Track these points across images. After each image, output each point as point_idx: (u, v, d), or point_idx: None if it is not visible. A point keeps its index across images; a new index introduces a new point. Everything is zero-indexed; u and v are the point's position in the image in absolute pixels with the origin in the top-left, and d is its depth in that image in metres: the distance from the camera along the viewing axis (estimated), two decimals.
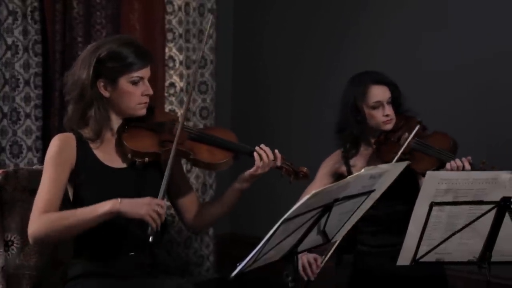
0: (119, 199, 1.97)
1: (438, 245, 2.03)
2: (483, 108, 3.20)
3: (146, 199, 1.97)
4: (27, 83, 3.10)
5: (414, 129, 2.42)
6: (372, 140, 2.53)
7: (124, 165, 2.13)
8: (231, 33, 3.98)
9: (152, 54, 2.15)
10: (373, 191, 1.95)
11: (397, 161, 2.35)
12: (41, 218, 1.98)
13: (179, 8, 3.59)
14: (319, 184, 2.50)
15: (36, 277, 2.22)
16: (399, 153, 2.38)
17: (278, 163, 2.13)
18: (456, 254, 2.06)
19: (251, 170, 2.11)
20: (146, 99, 2.11)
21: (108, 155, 2.12)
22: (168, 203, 2.23)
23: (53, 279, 2.25)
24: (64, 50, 3.17)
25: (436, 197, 1.97)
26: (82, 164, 2.09)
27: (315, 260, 2.39)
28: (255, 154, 2.10)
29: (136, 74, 2.07)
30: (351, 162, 2.53)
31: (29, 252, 2.21)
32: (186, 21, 3.63)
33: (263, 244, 1.77)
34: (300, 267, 2.38)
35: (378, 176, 1.91)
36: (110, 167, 2.11)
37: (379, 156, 2.48)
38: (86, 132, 2.10)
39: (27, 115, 3.11)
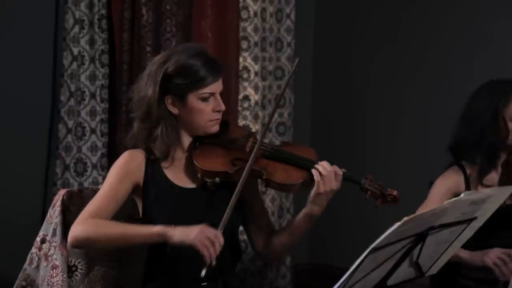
0: (173, 226, 1.99)
1: None
2: None
3: (199, 226, 1.98)
4: (93, 96, 3.19)
5: None
6: (500, 161, 2.48)
7: (194, 185, 2.16)
8: (311, 41, 3.98)
9: (223, 65, 2.16)
10: (474, 219, 1.91)
11: None
12: (88, 221, 2.04)
13: (255, 14, 3.62)
14: (439, 203, 2.46)
15: None
16: None
17: (338, 178, 2.09)
18: None
19: (313, 189, 2.10)
20: (218, 116, 2.13)
21: (178, 174, 2.16)
22: (241, 228, 2.25)
23: None
24: (131, 61, 3.26)
25: None
26: (150, 182, 2.14)
27: (509, 255, 2.34)
28: (312, 170, 2.09)
29: (205, 90, 2.09)
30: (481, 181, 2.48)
31: (94, 278, 2.27)
32: (263, 28, 3.66)
33: (348, 276, 1.75)
34: (492, 266, 2.35)
35: (480, 202, 1.86)
36: (180, 187, 2.15)
37: (509, 179, 2.42)
38: (155, 151, 2.14)
39: (93, 131, 3.20)
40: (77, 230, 2.05)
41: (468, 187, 2.48)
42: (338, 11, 3.90)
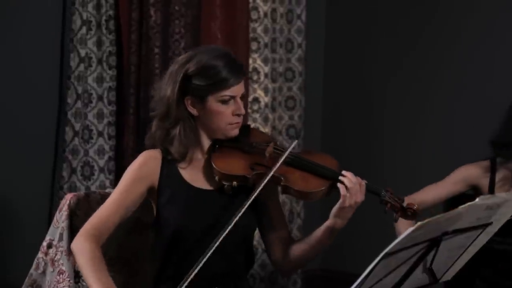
0: None
1: None
2: None
3: None
4: (100, 98, 3.20)
5: None
6: None
7: (211, 188, 2.16)
8: (322, 42, 3.98)
9: (245, 68, 2.16)
10: (489, 224, 1.89)
11: None
12: (82, 241, 2.05)
13: (265, 15, 3.62)
14: (449, 187, 2.45)
15: None
16: None
17: (362, 192, 2.07)
18: None
19: (338, 202, 2.08)
20: (238, 119, 2.13)
21: (195, 175, 2.16)
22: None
23: None
24: (139, 63, 3.26)
25: None
26: (166, 183, 2.14)
27: None
28: (338, 184, 2.07)
29: (226, 93, 2.09)
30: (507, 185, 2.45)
31: None
32: (273, 29, 3.66)
33: (360, 282, 1.75)
34: None
35: (496, 206, 1.85)
36: (196, 188, 2.15)
37: None
38: (172, 152, 2.14)
39: (100, 133, 3.20)
40: (75, 242, 2.07)
41: (491, 186, 2.45)
42: (349, 11, 3.90)
